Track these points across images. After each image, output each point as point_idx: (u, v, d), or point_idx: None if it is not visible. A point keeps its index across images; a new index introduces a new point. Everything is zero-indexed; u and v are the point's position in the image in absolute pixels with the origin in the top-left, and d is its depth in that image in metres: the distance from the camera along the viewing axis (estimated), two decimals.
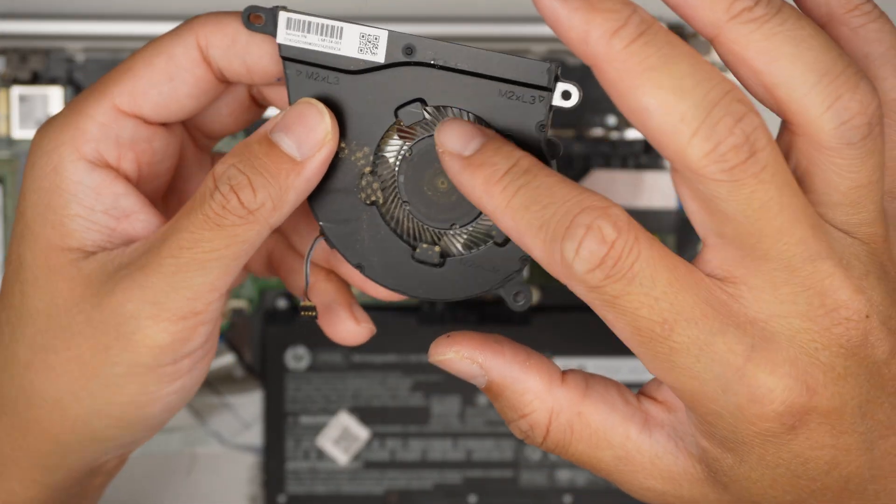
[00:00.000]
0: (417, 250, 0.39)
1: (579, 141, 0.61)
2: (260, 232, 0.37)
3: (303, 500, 0.62)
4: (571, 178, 0.62)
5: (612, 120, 0.62)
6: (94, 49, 0.61)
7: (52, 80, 0.61)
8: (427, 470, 0.62)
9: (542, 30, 0.61)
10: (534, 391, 0.37)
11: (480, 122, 0.38)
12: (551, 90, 0.37)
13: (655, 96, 0.31)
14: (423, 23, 0.61)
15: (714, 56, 0.61)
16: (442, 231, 0.39)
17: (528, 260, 0.38)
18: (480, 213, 0.38)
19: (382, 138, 0.38)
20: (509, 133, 0.37)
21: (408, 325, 0.61)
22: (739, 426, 0.33)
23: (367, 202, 0.39)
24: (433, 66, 0.37)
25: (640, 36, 0.32)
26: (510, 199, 0.34)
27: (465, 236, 0.39)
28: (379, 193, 0.39)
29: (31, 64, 0.61)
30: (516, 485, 0.62)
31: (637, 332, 0.33)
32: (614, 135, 0.62)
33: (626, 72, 0.31)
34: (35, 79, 0.61)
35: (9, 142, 0.61)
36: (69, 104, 0.40)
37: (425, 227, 0.39)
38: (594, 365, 0.62)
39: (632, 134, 0.62)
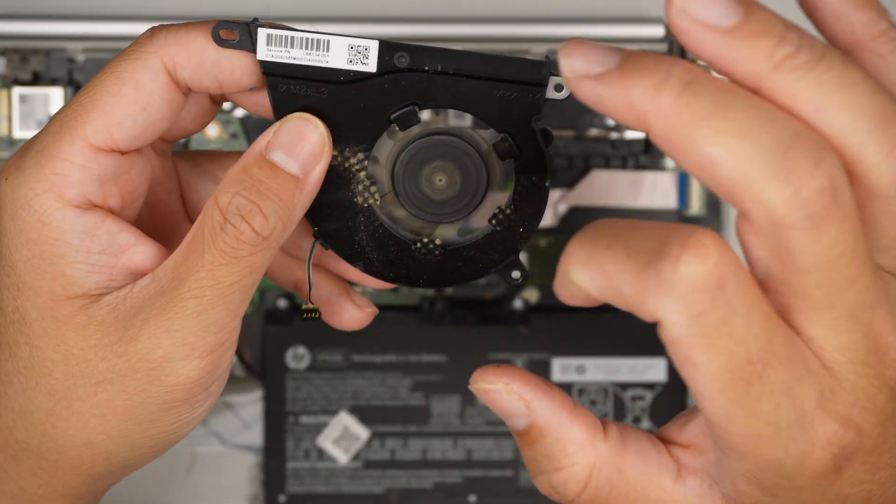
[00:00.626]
0: (417, 244, 0.39)
1: (579, 141, 0.61)
2: (273, 254, 0.37)
3: (303, 499, 0.62)
4: (571, 179, 0.62)
5: (611, 120, 0.62)
6: (94, 49, 0.61)
7: (52, 81, 0.61)
8: (427, 469, 0.62)
9: (542, 30, 0.61)
10: (578, 442, 0.35)
11: (477, 121, 0.38)
12: (545, 85, 0.37)
13: (718, 144, 0.29)
14: (425, 23, 0.61)
15: None
16: (441, 223, 0.39)
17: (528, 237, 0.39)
18: (481, 200, 0.39)
19: (376, 143, 0.38)
20: (505, 129, 0.38)
21: (408, 325, 0.61)
22: (797, 473, 0.32)
23: (364, 205, 0.39)
24: (426, 71, 0.37)
25: (686, 86, 0.30)
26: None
27: (463, 227, 0.39)
28: (376, 196, 0.39)
29: (32, 64, 0.61)
30: (516, 484, 0.62)
31: (726, 372, 0.30)
32: (614, 135, 0.62)
33: (681, 125, 0.29)
34: (36, 79, 0.61)
35: (9, 142, 0.61)
36: (35, 145, 0.38)
37: (425, 221, 0.39)
38: (594, 365, 0.62)
39: (632, 134, 0.62)
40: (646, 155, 0.62)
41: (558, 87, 0.37)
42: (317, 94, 0.37)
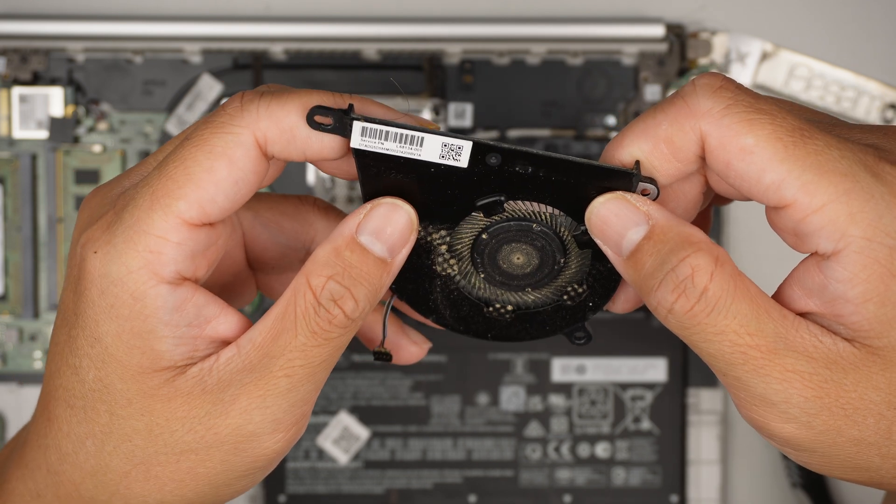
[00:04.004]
0: (490, 308, 0.40)
1: (579, 141, 0.61)
2: (356, 331, 0.38)
3: (303, 499, 0.62)
4: None
5: (611, 120, 0.62)
6: (94, 49, 0.61)
7: (52, 81, 0.61)
8: (427, 469, 0.62)
9: (543, 30, 0.61)
10: (700, 234, 0.36)
11: (557, 215, 0.38)
12: (633, 191, 0.37)
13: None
14: (425, 23, 0.61)
15: (716, 54, 0.61)
16: (515, 292, 0.40)
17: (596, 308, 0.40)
18: (556, 277, 0.39)
19: (460, 223, 0.39)
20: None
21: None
22: None
23: (442, 273, 0.40)
24: (517, 171, 0.37)
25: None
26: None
27: (537, 294, 0.40)
28: (455, 267, 0.40)
29: (32, 64, 0.61)
30: (516, 484, 0.62)
31: (778, 139, 0.35)
32: (614, 135, 0.62)
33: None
34: (36, 79, 0.61)
35: (9, 142, 0.61)
36: (124, 219, 0.37)
37: (499, 289, 0.40)
38: (594, 365, 0.62)
39: None
40: None
41: (645, 191, 0.37)
42: (406, 178, 0.38)
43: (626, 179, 0.37)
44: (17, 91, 0.61)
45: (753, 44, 0.62)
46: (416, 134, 0.37)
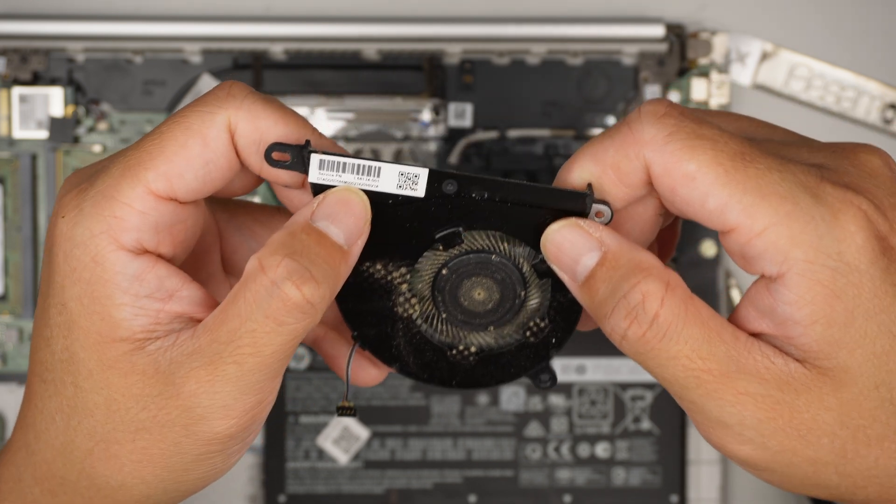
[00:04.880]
0: (453, 351, 0.40)
1: (579, 141, 0.62)
2: (315, 322, 0.36)
3: (303, 499, 0.62)
4: None
5: (611, 120, 0.62)
6: (94, 49, 0.61)
7: (52, 81, 0.61)
8: (427, 469, 0.62)
9: (543, 30, 0.61)
10: (651, 261, 0.36)
11: (515, 245, 0.38)
12: (587, 213, 0.37)
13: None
14: (425, 24, 0.61)
15: (716, 54, 0.61)
16: (476, 331, 0.40)
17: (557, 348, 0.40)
18: (518, 313, 0.39)
19: (419, 259, 0.39)
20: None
21: None
22: (840, 246, 0.35)
23: (404, 315, 0.39)
24: (474, 199, 0.38)
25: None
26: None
27: (500, 332, 0.40)
28: (416, 308, 0.39)
29: (32, 64, 0.61)
30: (516, 484, 0.62)
31: (720, 164, 0.35)
32: None
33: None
34: (36, 79, 0.61)
35: (9, 142, 0.61)
36: (95, 185, 0.38)
37: (461, 331, 0.40)
38: (594, 365, 0.62)
39: None
40: None
41: (599, 214, 0.37)
42: None
43: (580, 201, 0.37)
44: (17, 91, 0.61)
45: (753, 44, 0.62)
46: (373, 164, 0.37)
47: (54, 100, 0.61)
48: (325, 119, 0.61)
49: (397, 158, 0.62)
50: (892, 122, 0.63)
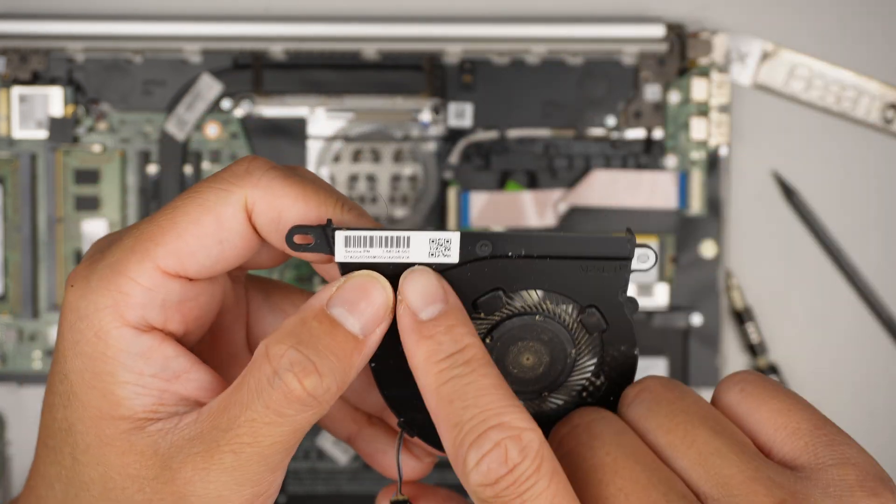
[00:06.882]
0: None
1: (579, 141, 0.61)
2: (320, 414, 0.35)
3: (303, 500, 0.62)
4: (571, 179, 0.62)
5: (611, 120, 0.62)
6: (94, 49, 0.61)
7: (52, 81, 0.61)
8: None
9: (543, 30, 0.61)
10: None
11: (561, 298, 0.37)
12: (630, 258, 0.36)
13: None
14: (424, 23, 0.61)
15: (716, 54, 0.61)
16: (529, 400, 0.38)
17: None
18: (570, 374, 0.38)
19: None
20: (592, 303, 0.37)
21: None
22: None
23: None
24: (509, 257, 0.36)
25: None
26: (440, 385, 0.34)
27: (556, 398, 0.38)
28: None
29: (32, 64, 0.61)
30: None
31: None
32: (615, 134, 0.62)
33: None
34: (35, 79, 0.61)
35: (9, 142, 0.61)
36: (106, 257, 0.37)
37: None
38: None
39: (632, 134, 0.62)
40: (646, 155, 0.62)
41: (642, 258, 0.36)
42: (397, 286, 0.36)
43: (623, 247, 0.36)
44: (16, 91, 0.61)
45: (754, 44, 0.62)
46: (402, 234, 0.35)
47: (54, 100, 0.61)
48: (325, 119, 0.61)
49: (397, 158, 0.62)
50: (892, 122, 0.63)
